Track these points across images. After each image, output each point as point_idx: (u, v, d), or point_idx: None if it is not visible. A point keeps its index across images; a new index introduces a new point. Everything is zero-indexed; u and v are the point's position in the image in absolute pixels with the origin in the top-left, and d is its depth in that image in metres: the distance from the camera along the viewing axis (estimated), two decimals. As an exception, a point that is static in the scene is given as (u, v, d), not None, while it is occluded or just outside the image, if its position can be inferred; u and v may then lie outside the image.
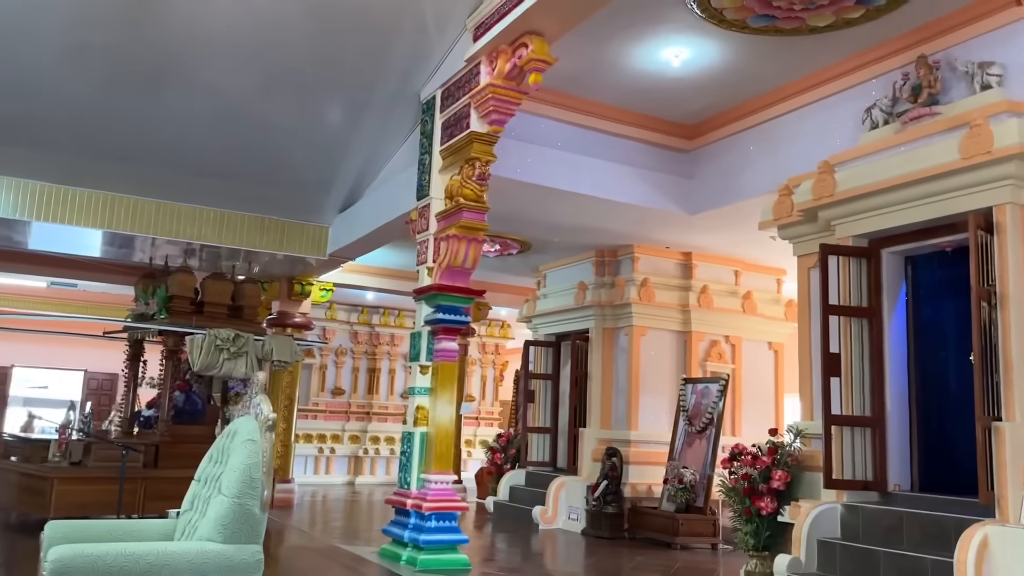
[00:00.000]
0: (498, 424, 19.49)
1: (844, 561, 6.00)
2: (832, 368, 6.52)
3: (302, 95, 8.31)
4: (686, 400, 10.15)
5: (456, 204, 7.14)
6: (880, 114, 6.79)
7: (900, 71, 6.75)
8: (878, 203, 6.45)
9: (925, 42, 6.51)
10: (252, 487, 3.33)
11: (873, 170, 6.44)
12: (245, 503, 3.30)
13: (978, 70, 6.01)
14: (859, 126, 7.10)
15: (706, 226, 9.49)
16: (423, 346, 7.40)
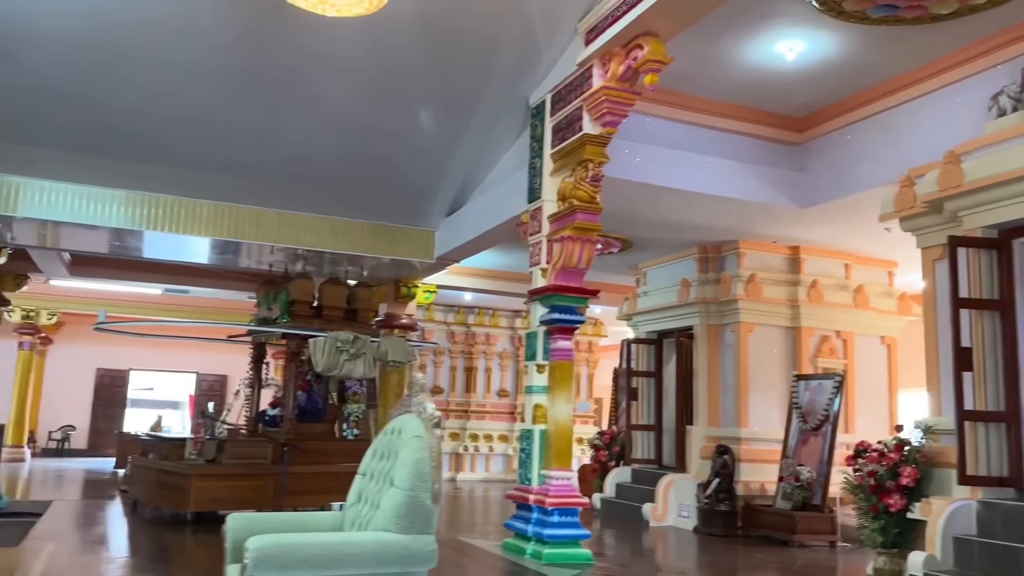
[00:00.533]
0: (592, 422, 19.60)
1: (983, 558, 5.86)
2: (964, 363, 6.36)
3: (410, 105, 8.58)
4: (799, 397, 10.01)
5: (570, 206, 7.27)
6: (1008, 101, 6.59)
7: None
8: (1009, 192, 6.25)
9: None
10: (423, 480, 3.53)
11: (1004, 159, 6.25)
12: (418, 495, 3.51)
13: (1120, 50, 5.77)
14: (984, 114, 6.90)
15: (817, 219, 9.35)
16: (539, 346, 7.55)
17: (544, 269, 7.66)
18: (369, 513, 3.76)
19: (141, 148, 8.87)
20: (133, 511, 9.78)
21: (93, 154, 8.84)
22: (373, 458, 4.07)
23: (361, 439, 10.44)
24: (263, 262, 11.27)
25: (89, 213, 9.34)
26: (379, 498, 3.73)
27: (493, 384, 18.55)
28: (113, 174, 9.19)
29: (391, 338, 10.39)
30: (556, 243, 7.46)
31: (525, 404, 7.77)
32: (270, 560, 3.20)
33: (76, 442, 21.83)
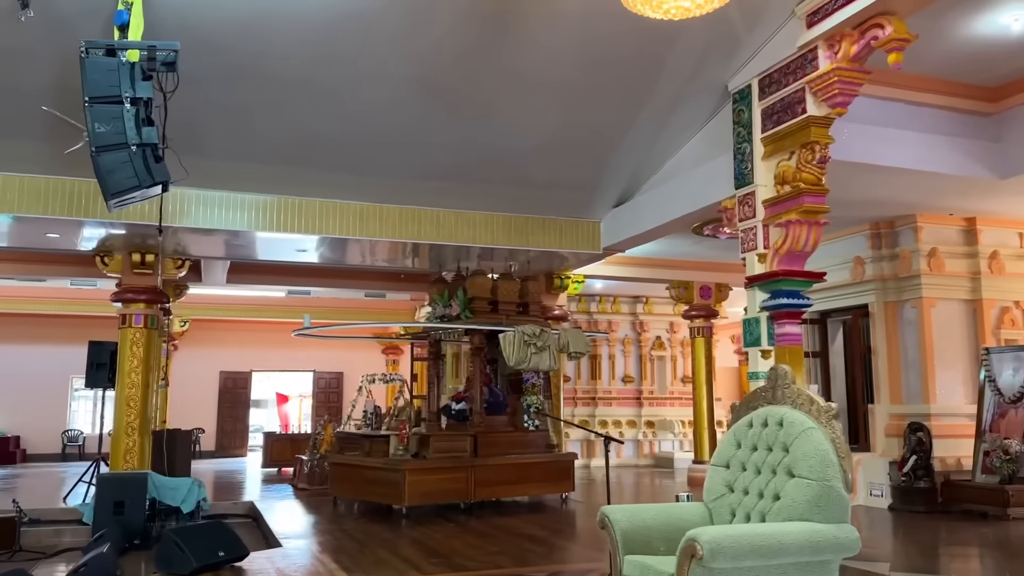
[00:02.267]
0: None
1: None
2: None
3: (579, 99, 8.52)
4: (992, 370, 9.83)
5: (795, 189, 7.26)
6: None
7: None
8: None
9: None
10: (835, 470, 3.61)
11: None
12: (834, 485, 3.59)
13: None
14: None
15: (1012, 189, 9.13)
16: (763, 332, 7.57)
17: (762, 255, 7.66)
18: (766, 504, 3.86)
19: (338, 159, 9.13)
20: (335, 506, 10.15)
21: (294, 166, 9.14)
22: (742, 449, 4.17)
23: (541, 429, 10.64)
24: (435, 262, 11.53)
25: (282, 223, 9.67)
26: (777, 489, 3.81)
27: (617, 371, 18.66)
28: (307, 185, 9.50)
29: (571, 330, 10.54)
30: (778, 227, 7.46)
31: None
32: (724, 552, 3.33)
33: (205, 444, 22.65)
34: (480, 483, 9.62)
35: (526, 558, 6.93)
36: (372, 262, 11.92)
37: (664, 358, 18.95)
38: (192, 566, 5.69)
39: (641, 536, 4.08)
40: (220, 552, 5.94)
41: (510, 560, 6.81)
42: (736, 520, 4.04)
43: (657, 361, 18.89)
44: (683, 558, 3.46)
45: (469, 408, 10.28)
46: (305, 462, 12.63)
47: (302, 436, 16.73)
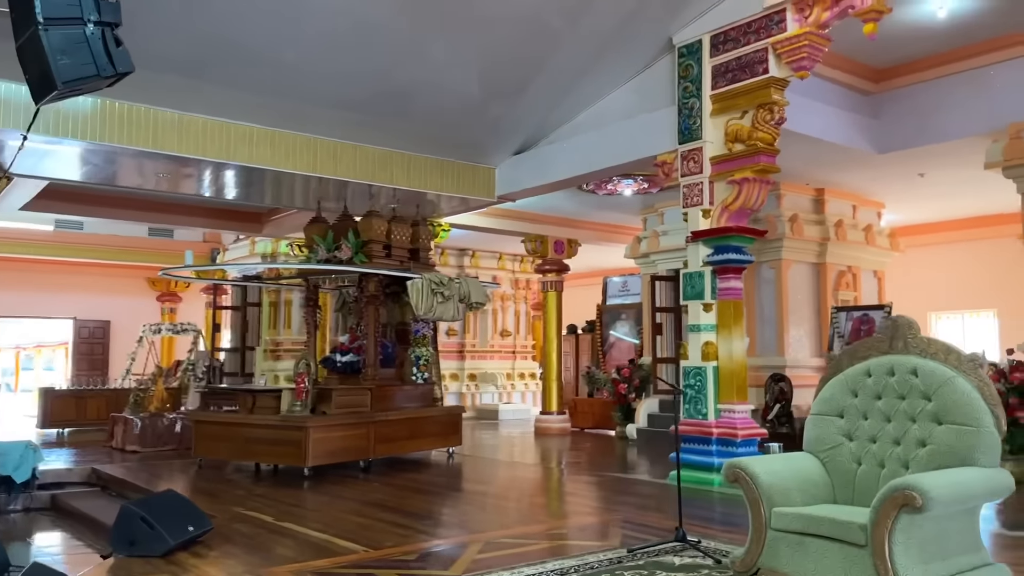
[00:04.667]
0: (531, 357, 20.03)
1: None
2: (1102, 293, 7.37)
3: (493, 36, 7.99)
4: (841, 327, 10.97)
5: (752, 148, 7.45)
6: None
7: None
8: None
9: None
10: (987, 416, 3.72)
11: None
12: (991, 431, 3.70)
13: None
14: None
15: (879, 163, 10.11)
16: (706, 285, 7.76)
17: (706, 210, 7.81)
18: (908, 451, 3.89)
19: (232, 74, 7.84)
20: (201, 468, 8.94)
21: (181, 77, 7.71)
22: (859, 398, 4.16)
23: (429, 382, 10.17)
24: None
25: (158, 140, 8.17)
26: (921, 436, 3.86)
27: (442, 324, 18.48)
28: (195, 100, 8.09)
29: (471, 280, 10.07)
30: (730, 184, 7.63)
31: (689, 342, 7.97)
32: (941, 500, 3.32)
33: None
34: (379, 440, 8.99)
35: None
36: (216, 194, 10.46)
37: (486, 311, 18.99)
38: (169, 545, 4.65)
39: (779, 488, 3.95)
40: (189, 526, 4.92)
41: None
42: (864, 468, 4.04)
43: (480, 315, 18.89)
44: (889, 508, 3.38)
45: (360, 360, 9.51)
46: (133, 421, 10.99)
47: (91, 392, 14.57)
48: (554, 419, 14.00)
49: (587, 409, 14.51)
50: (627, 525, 5.69)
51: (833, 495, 4.12)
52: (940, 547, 3.54)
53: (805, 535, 3.74)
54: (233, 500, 6.85)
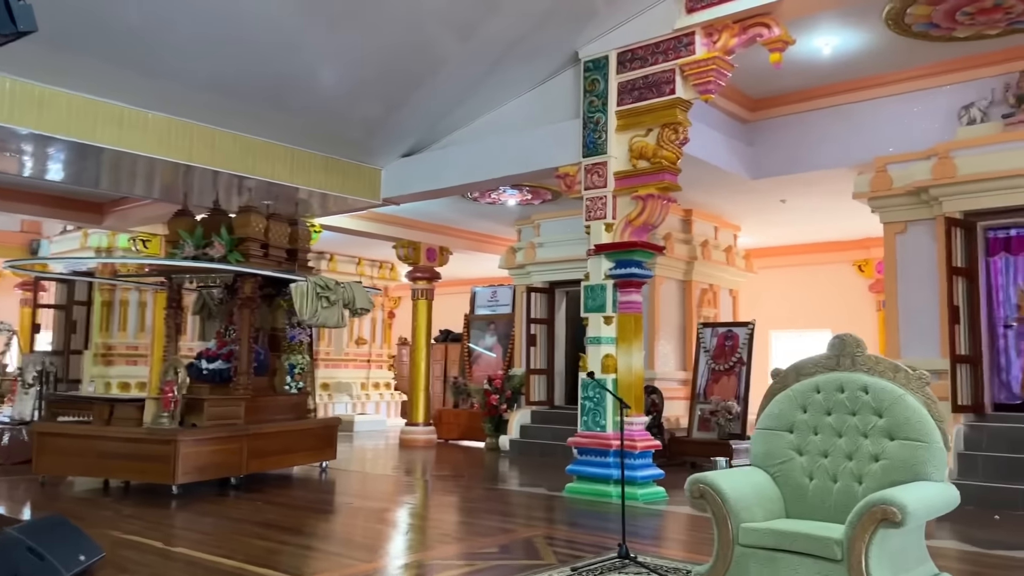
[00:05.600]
0: (387, 366, 19.56)
1: (986, 468, 7.64)
2: (955, 316, 8.13)
3: (389, 33, 7.63)
4: (707, 342, 11.46)
5: (656, 165, 7.60)
6: (978, 112, 8.40)
7: (995, 79, 8.37)
8: (985, 187, 8.07)
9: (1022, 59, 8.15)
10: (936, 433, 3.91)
11: (990, 159, 8.03)
12: (941, 446, 3.89)
13: (1081, 89, 7.78)
14: (945, 120, 8.68)
15: (750, 188, 10.66)
16: (608, 298, 7.81)
17: (609, 224, 7.88)
18: (861, 465, 4.01)
19: (103, 47, 7.03)
20: (43, 487, 7.89)
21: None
22: (809, 414, 4.26)
23: (304, 392, 9.60)
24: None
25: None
26: (874, 451, 4.00)
27: (353, 333, 17.88)
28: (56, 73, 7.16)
29: (355, 285, 9.58)
30: (634, 200, 7.73)
31: (587, 354, 7.97)
32: (917, 514, 3.44)
33: None
34: (253, 454, 8.33)
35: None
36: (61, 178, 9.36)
37: (342, 318, 18.36)
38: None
39: (744, 504, 3.96)
40: (80, 555, 4.23)
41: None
42: (817, 482, 4.13)
43: (335, 321, 18.22)
44: (867, 522, 3.46)
45: (231, 368, 8.79)
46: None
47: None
48: (420, 431, 13.67)
49: (453, 420, 14.30)
50: (554, 542, 5.54)
51: (785, 509, 4.19)
52: (903, 560, 3.68)
53: (777, 551, 3.75)
54: (103, 522, 6.04)
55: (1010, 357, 8.97)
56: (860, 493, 3.97)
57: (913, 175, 8.57)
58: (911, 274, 8.77)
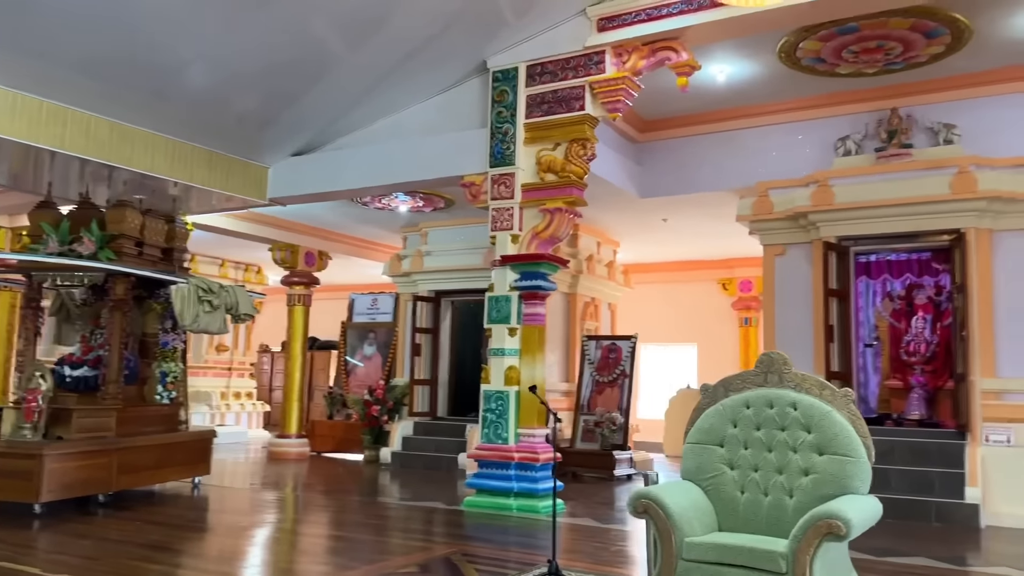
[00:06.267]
0: (248, 375, 18.67)
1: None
2: (829, 335, 8.68)
3: (285, 23, 7.22)
4: (591, 354, 11.67)
5: (565, 179, 7.66)
6: (853, 144, 9.04)
7: (869, 114, 9.04)
8: (859, 215, 8.70)
9: (896, 97, 8.85)
10: (862, 448, 4.12)
11: (863, 189, 8.65)
12: (866, 460, 4.09)
13: (943, 128, 8.54)
14: (822, 150, 9.29)
15: (636, 207, 10.97)
16: (513, 310, 7.78)
17: (515, 236, 7.86)
18: (791, 479, 4.16)
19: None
20: None
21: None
22: (739, 429, 4.38)
23: (176, 403, 8.96)
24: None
25: None
26: (804, 465, 4.15)
27: (213, 339, 16.71)
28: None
29: (238, 288, 9.02)
30: (541, 212, 7.75)
31: (490, 366, 7.88)
32: (859, 526, 3.60)
33: None
34: (123, 469, 7.68)
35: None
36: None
37: (204, 323, 17.33)
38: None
39: (685, 518, 4.01)
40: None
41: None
42: (748, 496, 4.25)
43: (196, 326, 17.18)
44: (812, 536, 3.58)
45: (99, 376, 8.06)
46: None
47: None
48: (293, 443, 13.10)
49: (327, 432, 13.79)
50: (474, 559, 5.40)
51: (717, 523, 4.28)
52: (838, 570, 3.84)
53: (720, 564, 3.82)
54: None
55: (868, 374, 9.71)
56: (791, 506, 4.12)
57: (793, 201, 9.09)
58: (789, 294, 9.28)
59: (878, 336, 9.83)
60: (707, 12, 6.98)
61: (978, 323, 8.06)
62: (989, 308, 8.12)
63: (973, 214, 8.15)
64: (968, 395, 7.93)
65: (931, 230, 8.49)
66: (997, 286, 8.14)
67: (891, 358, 9.71)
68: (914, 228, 8.53)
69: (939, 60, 8.08)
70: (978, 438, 7.76)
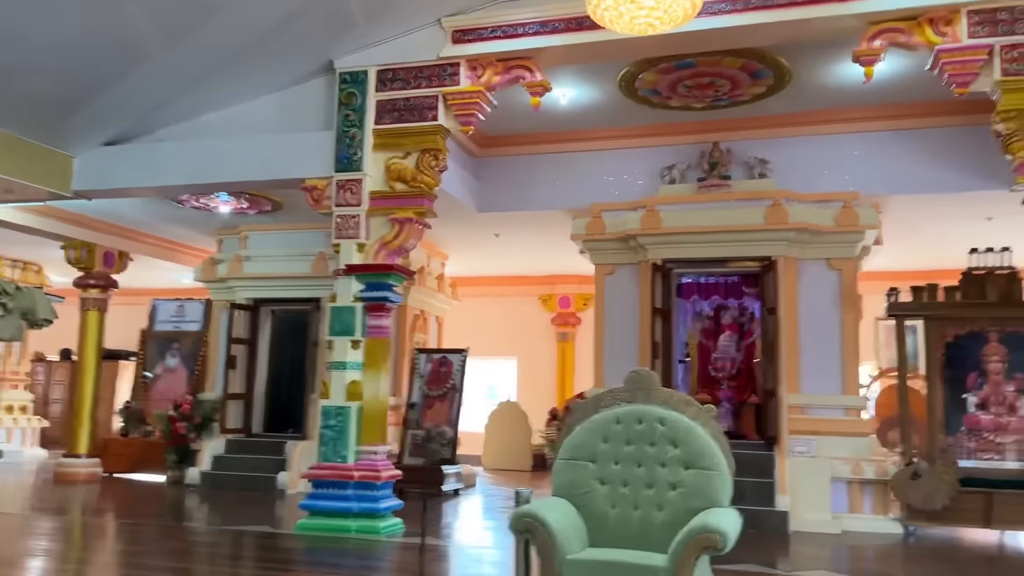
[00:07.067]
0: (23, 386, 16.67)
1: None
2: (655, 351, 9.13)
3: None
4: (421, 368, 11.52)
5: (416, 189, 7.51)
6: (678, 173, 9.62)
7: (694, 146, 9.66)
8: (685, 239, 9.26)
9: (719, 131, 9.52)
10: (724, 462, 4.33)
11: (686, 216, 9.22)
12: (728, 474, 4.30)
13: (758, 163, 9.30)
14: (650, 177, 9.81)
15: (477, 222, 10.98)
16: (357, 322, 7.48)
17: (361, 244, 7.58)
18: (660, 493, 4.28)
19: None
20: None
21: None
22: (609, 445, 4.45)
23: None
24: None
25: None
26: (672, 479, 4.28)
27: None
28: None
29: (35, 290, 7.94)
30: (390, 222, 7.54)
31: (330, 380, 7.50)
32: (733, 539, 3.75)
33: None
34: None
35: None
36: None
37: (-29, 327, 15.23)
38: None
39: (565, 535, 4.00)
40: None
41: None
42: (618, 510, 4.32)
43: (-38, 331, 15.07)
44: (692, 550, 3.70)
45: None
46: None
47: None
48: (82, 463, 11.77)
49: (122, 451, 12.52)
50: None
51: (589, 539, 4.31)
52: (707, 582, 3.99)
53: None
54: None
55: (680, 389, 10.32)
56: (660, 520, 4.24)
57: (624, 223, 9.49)
58: (617, 311, 9.66)
59: (688, 353, 10.51)
60: (562, 35, 7.15)
61: (785, 343, 8.82)
62: (795, 330, 8.91)
63: (783, 243, 8.93)
64: (776, 410, 8.64)
65: (746, 256, 9.20)
66: (802, 310, 8.95)
67: (700, 374, 10.42)
68: (732, 254, 9.21)
69: (759, 100, 8.79)
70: (785, 450, 8.47)
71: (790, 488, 8.18)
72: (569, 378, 15.67)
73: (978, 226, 9.95)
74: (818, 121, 9.09)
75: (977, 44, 6.19)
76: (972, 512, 7.77)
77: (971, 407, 8.29)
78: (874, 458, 8.45)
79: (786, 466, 8.30)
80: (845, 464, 8.36)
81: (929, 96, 8.11)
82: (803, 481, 8.26)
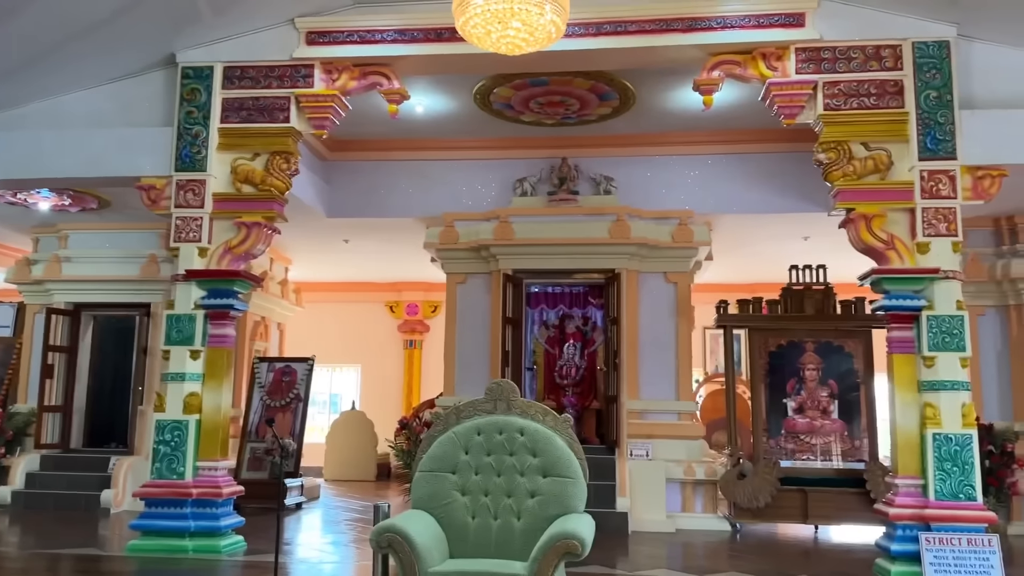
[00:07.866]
0: None
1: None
2: (506, 360, 9.28)
3: None
4: (262, 377, 11.08)
5: (265, 193, 7.25)
6: (529, 186, 9.85)
7: (544, 160, 9.92)
8: (535, 251, 9.50)
9: (568, 148, 9.84)
10: (578, 469, 4.49)
11: (537, 228, 9.47)
12: (583, 481, 4.45)
13: (603, 179, 9.69)
14: (502, 189, 9.99)
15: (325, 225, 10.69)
16: (197, 330, 7.09)
17: (203, 249, 7.21)
18: (519, 502, 4.37)
19: None
20: None
21: None
22: (470, 455, 4.51)
23: None
24: None
25: None
26: (531, 488, 4.39)
27: None
28: None
29: None
30: (236, 225, 7.23)
31: (166, 392, 7.04)
32: (589, 544, 3.91)
33: None
34: None
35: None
36: None
37: None
38: None
39: (427, 548, 4.01)
40: None
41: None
42: (479, 520, 4.37)
43: None
44: (552, 556, 3.82)
45: None
46: None
47: None
48: None
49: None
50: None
51: (449, 550, 4.33)
52: (565, 587, 4.11)
53: (463, 592, 3.87)
54: None
55: (528, 396, 10.58)
56: (519, 528, 4.34)
57: (477, 233, 9.60)
58: (468, 320, 9.75)
59: (535, 361, 10.77)
60: (420, 45, 7.15)
61: (626, 351, 9.23)
62: (635, 339, 9.35)
63: (625, 257, 9.36)
64: (617, 415, 9.03)
65: (592, 268, 9.56)
66: (642, 320, 9.41)
67: (545, 381, 10.70)
68: (579, 266, 9.54)
69: (605, 120, 9.17)
70: (625, 453, 8.86)
71: (629, 490, 8.57)
72: (416, 386, 15.60)
73: (797, 245, 10.87)
74: (659, 143, 9.61)
75: (803, 80, 6.78)
76: (791, 509, 8.47)
77: (790, 411, 9.03)
78: (704, 460, 9.02)
79: (626, 469, 8.69)
80: (678, 466, 8.87)
81: (759, 124, 8.77)
82: (641, 483, 8.68)
